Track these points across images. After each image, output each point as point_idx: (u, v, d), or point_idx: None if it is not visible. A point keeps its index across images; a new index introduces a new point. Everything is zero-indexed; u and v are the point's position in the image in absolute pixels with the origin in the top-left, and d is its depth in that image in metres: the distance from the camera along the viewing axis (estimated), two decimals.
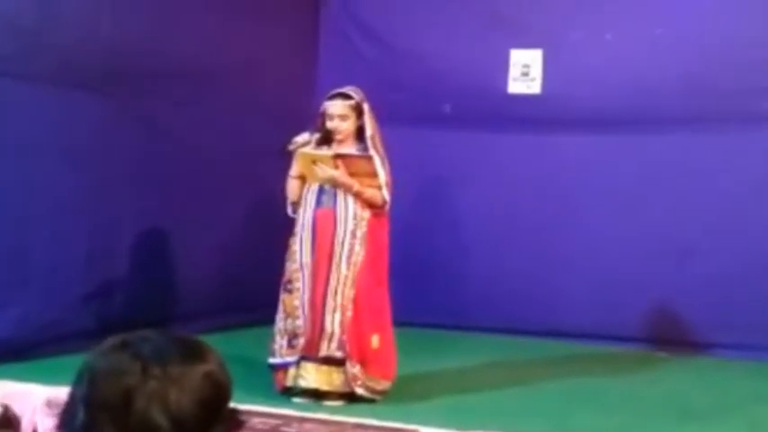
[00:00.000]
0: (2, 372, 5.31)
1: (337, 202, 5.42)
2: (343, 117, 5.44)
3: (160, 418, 1.52)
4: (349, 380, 5.33)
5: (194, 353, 1.62)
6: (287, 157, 5.49)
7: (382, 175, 5.42)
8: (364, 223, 5.43)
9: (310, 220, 5.43)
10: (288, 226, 5.57)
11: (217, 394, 1.60)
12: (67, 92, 6.28)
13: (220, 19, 7.40)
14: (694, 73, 7.37)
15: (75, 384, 1.59)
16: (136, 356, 1.57)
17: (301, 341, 5.37)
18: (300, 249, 5.44)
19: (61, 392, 1.67)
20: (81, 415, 1.55)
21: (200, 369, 1.59)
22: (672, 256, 7.41)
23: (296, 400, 5.34)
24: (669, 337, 7.49)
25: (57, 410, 1.62)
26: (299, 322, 5.39)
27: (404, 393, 5.54)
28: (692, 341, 7.39)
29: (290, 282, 5.48)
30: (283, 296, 5.49)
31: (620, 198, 7.63)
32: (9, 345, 5.86)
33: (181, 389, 1.55)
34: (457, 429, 4.71)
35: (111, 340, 1.62)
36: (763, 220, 7.26)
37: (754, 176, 7.32)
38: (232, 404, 1.64)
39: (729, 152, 7.37)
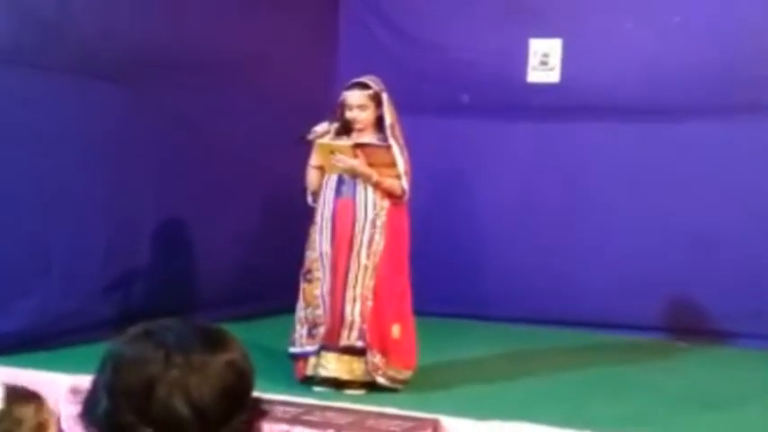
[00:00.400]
0: (23, 361, 5.36)
1: (357, 191, 5.42)
2: (361, 107, 5.44)
3: (182, 407, 1.53)
4: (370, 369, 5.34)
5: (217, 342, 1.62)
6: (306, 147, 5.49)
7: (401, 165, 5.42)
8: (384, 213, 5.43)
9: (330, 210, 5.44)
10: (306, 215, 5.58)
11: (239, 383, 1.61)
12: (87, 83, 6.29)
13: (240, 9, 7.40)
14: (714, 61, 7.33)
15: (99, 372, 1.60)
16: (159, 345, 1.57)
17: (321, 330, 5.38)
18: (320, 239, 5.45)
19: (85, 381, 1.67)
20: (103, 402, 1.56)
21: (222, 358, 1.60)
22: (692, 245, 7.37)
23: (317, 388, 5.35)
24: (689, 326, 7.46)
25: (81, 398, 1.63)
26: (319, 311, 5.40)
27: (424, 382, 5.54)
28: (713, 331, 7.36)
29: (309, 271, 5.49)
30: (303, 285, 5.50)
31: (639, 186, 7.59)
32: (30, 334, 5.88)
33: (203, 377, 1.56)
34: (477, 419, 4.70)
35: (135, 329, 1.63)
36: None
37: None
38: (255, 393, 1.65)
39: (750, 140, 7.32)
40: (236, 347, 1.64)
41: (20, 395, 1.95)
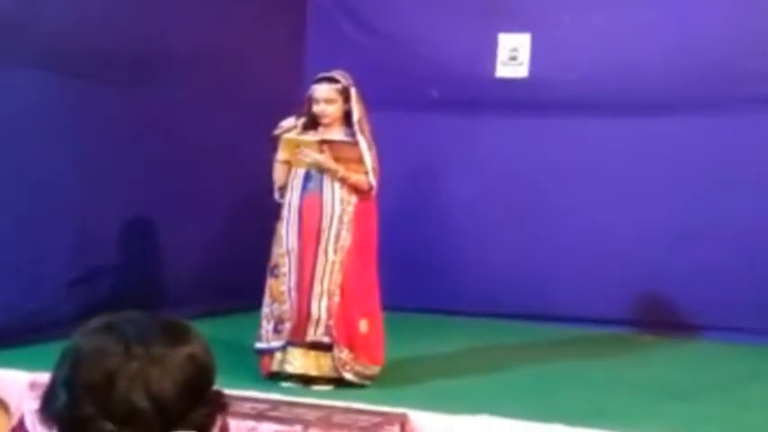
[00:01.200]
0: None
1: (324, 186, 5.40)
2: (329, 101, 5.42)
3: (141, 400, 1.52)
4: (337, 365, 5.32)
5: (178, 334, 1.62)
6: (275, 144, 5.47)
7: (368, 161, 5.40)
8: (351, 208, 5.42)
9: (297, 205, 5.42)
10: (275, 211, 5.56)
11: (200, 376, 1.60)
12: (55, 80, 6.24)
13: (208, 5, 7.37)
14: (683, 56, 7.37)
15: (58, 365, 1.59)
16: (119, 338, 1.57)
17: (287, 326, 5.36)
18: (287, 234, 5.42)
19: (44, 376, 1.66)
20: (62, 396, 1.55)
21: (183, 351, 1.59)
22: (661, 239, 7.41)
23: (284, 384, 5.33)
24: (656, 319, 7.51)
25: (40, 393, 1.61)
26: (286, 307, 5.38)
27: (393, 378, 5.54)
28: (680, 324, 7.41)
29: (276, 267, 5.46)
30: (270, 281, 5.47)
31: (608, 182, 7.62)
32: None
33: (163, 370, 1.55)
34: (445, 413, 4.71)
35: (96, 321, 1.62)
36: (753, 204, 7.26)
37: (744, 160, 7.31)
38: (216, 387, 1.64)
39: (719, 136, 7.36)
40: (197, 341, 1.63)
41: None
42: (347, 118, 5.46)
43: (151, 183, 7.01)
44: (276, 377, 5.39)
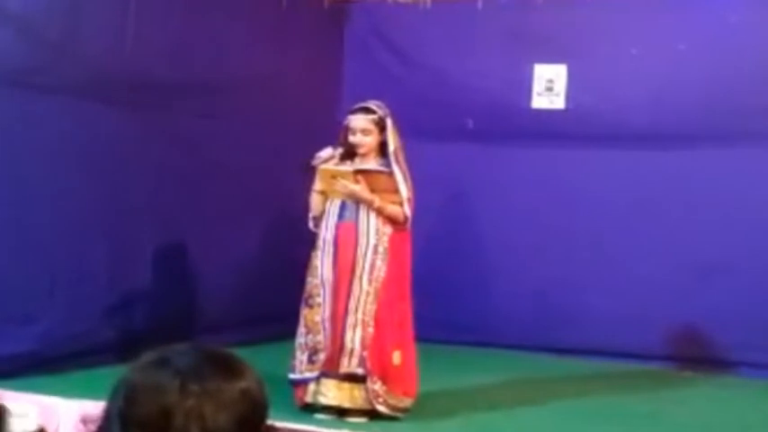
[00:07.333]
0: (27, 385, 5.29)
1: (359, 216, 5.38)
2: (365, 131, 5.40)
3: None
4: (370, 397, 5.27)
5: (232, 369, 1.60)
6: (310, 173, 5.45)
7: (404, 191, 5.38)
8: (386, 238, 5.39)
9: (332, 235, 5.39)
10: (308, 240, 5.53)
11: (254, 411, 1.60)
12: (92, 106, 6.27)
13: (245, 33, 7.39)
14: (719, 88, 7.32)
15: (111, 400, 1.57)
16: (175, 373, 1.54)
17: (322, 357, 5.32)
18: (322, 264, 5.40)
19: (93, 408, 1.63)
20: (116, 430, 1.52)
21: (237, 386, 1.58)
22: (698, 273, 7.33)
23: (318, 416, 5.30)
24: (694, 355, 7.42)
25: (91, 427, 1.59)
26: (320, 337, 5.34)
27: (426, 410, 5.49)
28: (718, 360, 7.32)
29: (310, 296, 5.43)
30: (304, 311, 5.45)
31: (644, 214, 7.57)
32: (34, 358, 5.84)
33: (218, 406, 1.54)
34: None
35: (149, 355, 1.59)
36: None
37: None
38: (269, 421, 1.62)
39: (755, 168, 7.32)
40: (251, 375, 1.63)
41: None
42: (383, 148, 5.45)
43: (186, 209, 7.02)
44: (310, 408, 5.36)
